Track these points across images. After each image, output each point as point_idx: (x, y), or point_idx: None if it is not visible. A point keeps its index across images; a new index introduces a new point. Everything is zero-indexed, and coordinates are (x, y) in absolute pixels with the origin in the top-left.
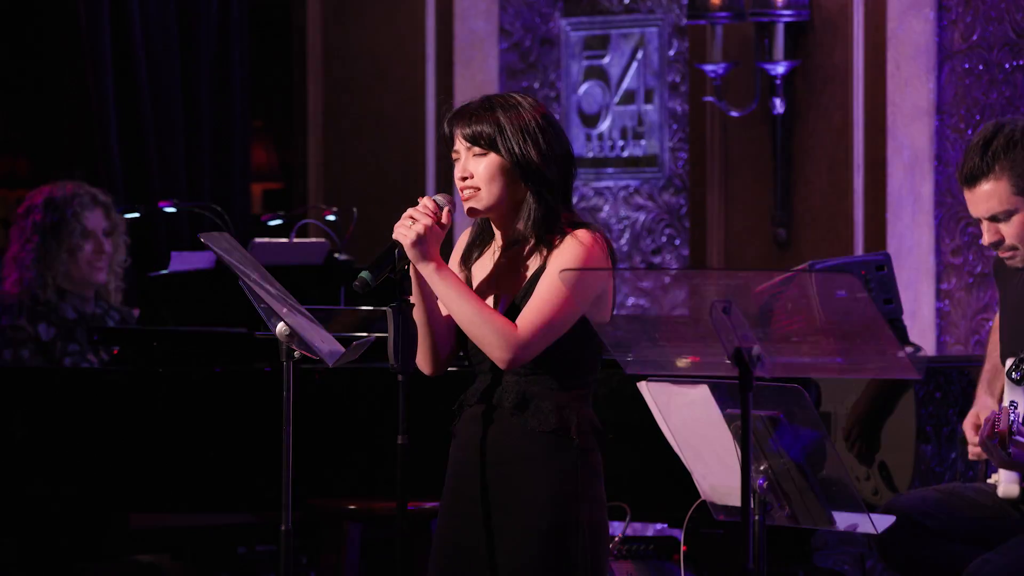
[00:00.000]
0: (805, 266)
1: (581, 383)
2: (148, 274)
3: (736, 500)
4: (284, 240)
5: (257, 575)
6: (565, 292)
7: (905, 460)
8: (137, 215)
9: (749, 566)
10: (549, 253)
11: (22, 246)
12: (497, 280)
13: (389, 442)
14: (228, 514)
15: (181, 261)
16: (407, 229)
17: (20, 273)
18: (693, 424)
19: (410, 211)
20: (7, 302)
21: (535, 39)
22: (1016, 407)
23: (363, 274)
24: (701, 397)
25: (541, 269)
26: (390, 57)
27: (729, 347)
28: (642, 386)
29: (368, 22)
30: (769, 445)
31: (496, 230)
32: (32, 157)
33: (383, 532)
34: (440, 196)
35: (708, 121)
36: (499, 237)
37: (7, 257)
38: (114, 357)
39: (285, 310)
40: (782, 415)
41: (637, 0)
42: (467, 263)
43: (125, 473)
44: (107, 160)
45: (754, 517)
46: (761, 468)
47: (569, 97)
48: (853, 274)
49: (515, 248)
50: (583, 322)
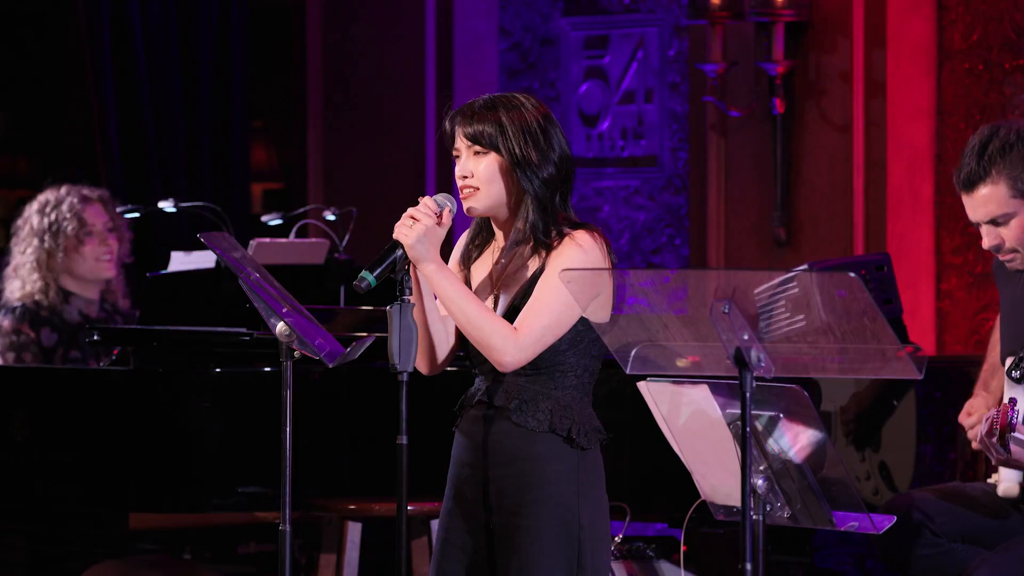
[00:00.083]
0: (805, 267)
1: (581, 383)
2: (148, 274)
3: (736, 500)
4: (284, 240)
5: (257, 575)
6: (564, 293)
7: (905, 460)
8: (137, 215)
9: (748, 566)
10: (548, 254)
11: (23, 253)
12: (496, 280)
13: (389, 442)
14: (228, 514)
15: (181, 261)
16: (408, 229)
17: (23, 280)
18: (693, 424)
19: (410, 211)
20: (11, 306)
21: (535, 39)
22: (1015, 405)
23: (363, 274)
24: (701, 397)
25: (540, 270)
26: (390, 57)
27: (729, 347)
28: (642, 386)
29: (368, 22)
30: (769, 445)
31: (496, 230)
32: (32, 157)
33: (383, 532)
34: (441, 196)
35: (708, 121)
36: (499, 237)
37: (8, 270)
38: (114, 357)
39: (285, 310)
40: (782, 415)
41: (637, 0)
42: (466, 263)
43: (125, 473)
44: (107, 160)
45: (754, 517)
46: (761, 468)
47: (569, 97)
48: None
49: (514, 248)
50: (584, 323)
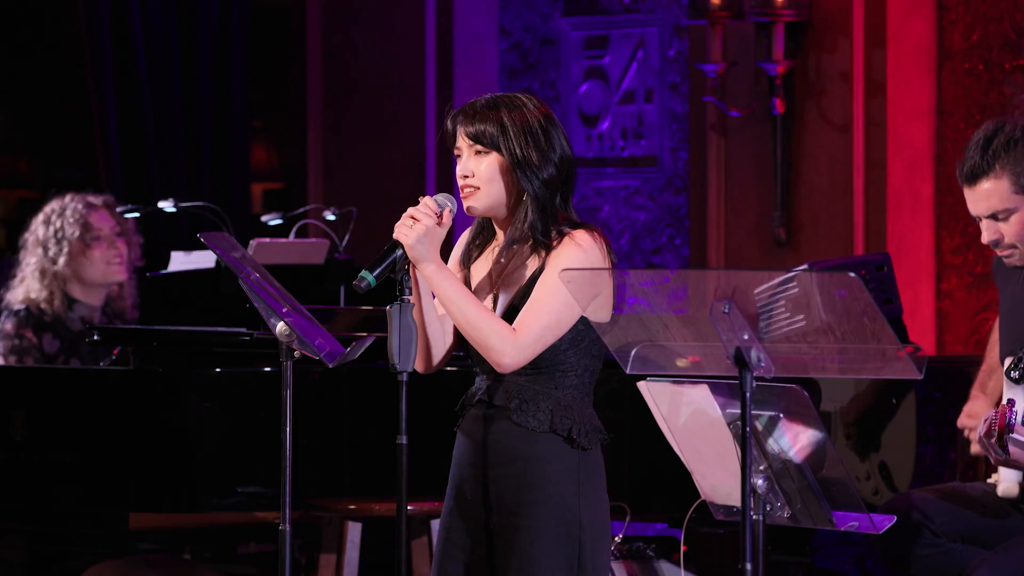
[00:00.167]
0: (805, 267)
1: (581, 383)
2: (148, 274)
3: (736, 500)
4: (284, 240)
5: (257, 575)
6: (564, 293)
7: (905, 460)
8: (137, 215)
9: (748, 566)
10: (548, 254)
11: (30, 264)
12: (496, 280)
13: (389, 442)
14: (228, 514)
15: (181, 261)
16: (408, 229)
17: (29, 288)
18: (693, 424)
19: (410, 211)
20: (15, 309)
21: (535, 39)
22: (1014, 405)
23: (363, 273)
24: (701, 397)
25: (540, 270)
26: (390, 57)
27: (729, 347)
28: (642, 386)
29: (368, 22)
30: (769, 445)
31: (497, 230)
32: (32, 157)
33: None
34: (441, 196)
35: (708, 121)
36: (499, 237)
37: (16, 279)
38: (114, 358)
39: (285, 310)
40: (782, 415)
41: (637, 0)
42: (466, 262)
43: (125, 473)
44: (107, 160)
45: (754, 517)
46: (761, 468)
47: (569, 97)
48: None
49: (514, 248)
50: (584, 322)
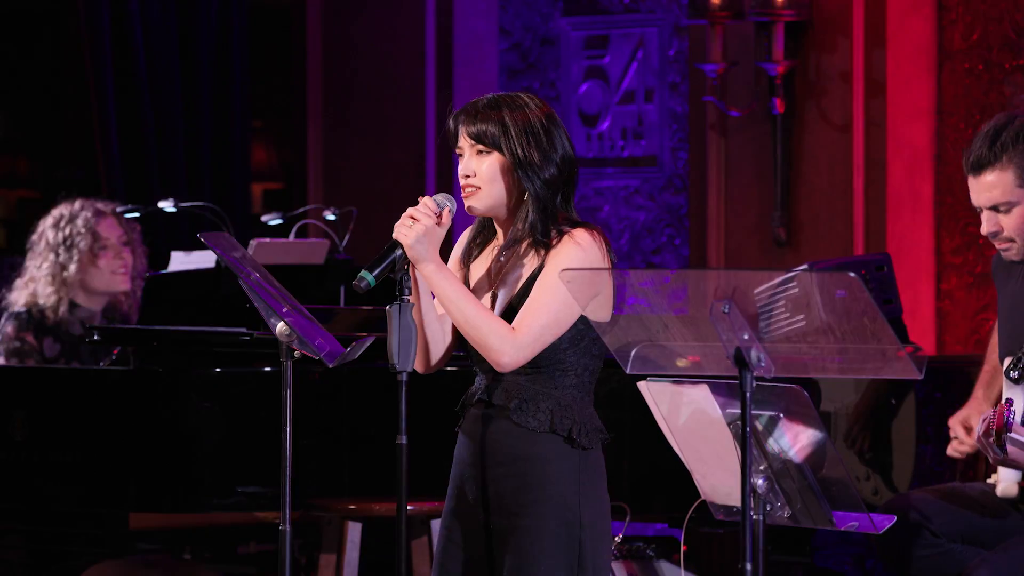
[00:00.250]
0: (805, 267)
1: (581, 383)
2: (148, 274)
3: (736, 500)
4: (284, 240)
5: (257, 575)
6: (563, 293)
7: (905, 460)
8: (137, 215)
9: (748, 566)
10: (547, 253)
11: (39, 268)
12: (495, 279)
13: (389, 442)
14: (228, 514)
15: (181, 261)
16: (407, 229)
17: (35, 292)
18: (693, 424)
19: (410, 211)
20: (14, 311)
21: (535, 39)
22: (1012, 405)
23: (363, 273)
24: (701, 397)
25: (539, 269)
26: (390, 57)
27: (729, 347)
28: (642, 386)
29: (368, 22)
30: (769, 445)
31: (497, 229)
32: (32, 157)
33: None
34: (440, 196)
35: (708, 121)
36: (500, 236)
37: (21, 281)
38: (114, 358)
39: (285, 310)
40: (782, 415)
41: (637, 0)
42: (466, 261)
43: (125, 473)
44: (107, 160)
45: (754, 517)
46: (761, 468)
47: (569, 97)
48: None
49: (514, 247)
50: (584, 321)
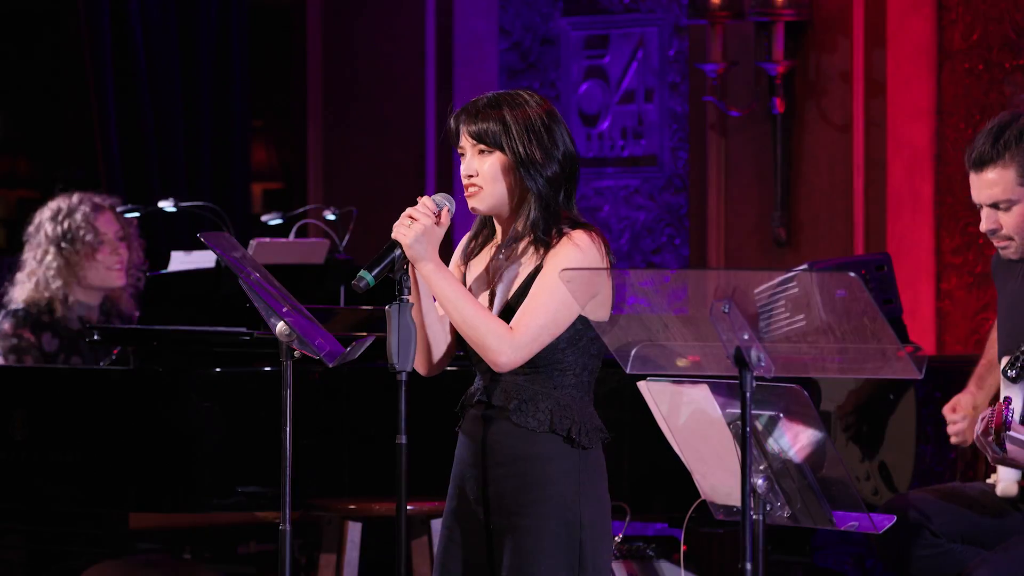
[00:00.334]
0: (805, 266)
1: (580, 382)
2: (148, 274)
3: (736, 500)
4: (284, 240)
5: (257, 575)
6: (561, 294)
7: (905, 460)
8: (137, 215)
9: (748, 566)
10: (546, 253)
11: (39, 260)
12: (493, 278)
13: (389, 442)
14: (228, 514)
15: (181, 261)
16: (406, 228)
17: (37, 286)
18: (693, 424)
19: (409, 210)
20: (12, 308)
21: (535, 39)
22: (1010, 403)
23: (362, 273)
24: (701, 397)
25: (538, 269)
26: (390, 57)
27: (729, 347)
28: (642, 386)
29: (368, 22)
30: (769, 445)
31: (498, 228)
32: (32, 157)
33: (383, 532)
34: (440, 196)
35: (708, 121)
36: (499, 234)
37: (22, 274)
38: (114, 358)
39: (285, 309)
40: (782, 415)
41: (637, 0)
42: (467, 260)
43: (125, 473)
44: (107, 160)
45: (754, 517)
46: (761, 468)
47: (569, 97)
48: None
49: (513, 246)
50: (583, 321)
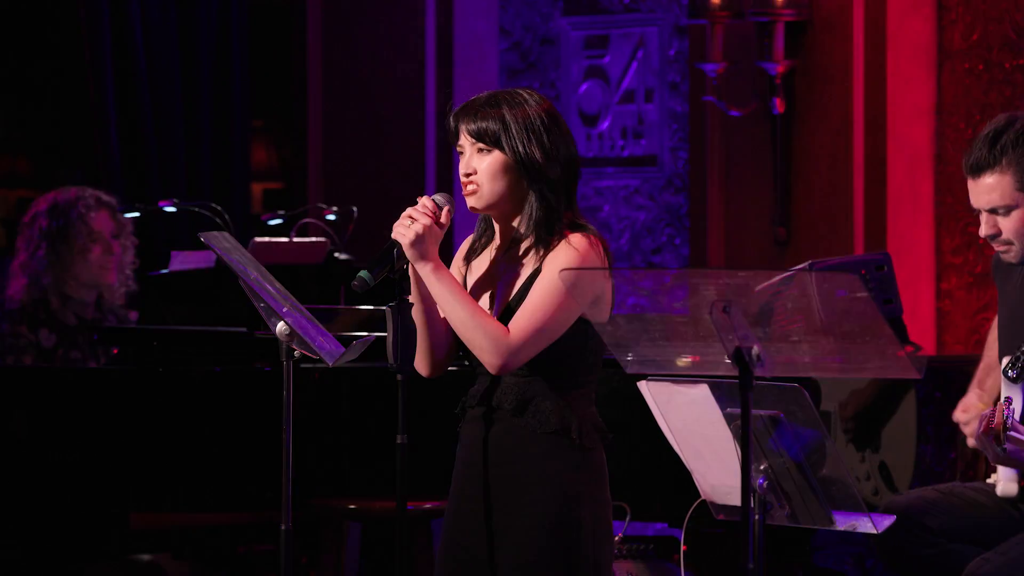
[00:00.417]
0: (805, 266)
1: (582, 383)
2: (148, 274)
3: (736, 500)
4: (284, 240)
5: (257, 575)
6: (559, 296)
7: (905, 460)
8: (137, 215)
9: (749, 566)
10: (546, 255)
11: (31, 254)
12: (493, 280)
13: (389, 442)
14: (228, 514)
15: (181, 261)
16: (406, 228)
17: (30, 280)
18: (693, 424)
19: (409, 211)
20: (8, 307)
21: (535, 39)
22: (1011, 403)
23: (362, 273)
24: (701, 397)
25: (537, 271)
26: (390, 57)
27: (729, 347)
28: (642, 386)
29: (368, 22)
30: (769, 445)
31: (496, 227)
32: (32, 157)
33: (383, 532)
34: (439, 196)
35: (708, 121)
36: (498, 235)
37: (14, 265)
38: (114, 357)
39: (285, 309)
40: (782, 415)
41: (637, 0)
42: (468, 260)
43: (126, 473)
44: (107, 160)
45: (754, 517)
46: (761, 468)
47: (569, 97)
48: (853, 274)
49: (513, 248)
50: (583, 322)
